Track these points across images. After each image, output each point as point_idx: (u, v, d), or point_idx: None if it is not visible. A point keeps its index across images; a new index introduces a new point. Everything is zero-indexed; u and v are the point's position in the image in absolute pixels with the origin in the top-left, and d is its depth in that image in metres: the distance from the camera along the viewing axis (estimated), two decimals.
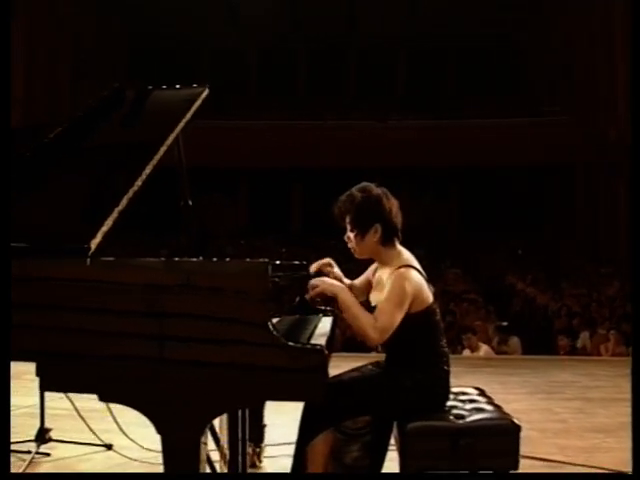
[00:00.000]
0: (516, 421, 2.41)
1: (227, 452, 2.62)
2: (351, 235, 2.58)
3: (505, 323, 9.81)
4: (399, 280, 2.45)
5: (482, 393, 2.75)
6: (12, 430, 3.70)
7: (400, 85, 24.73)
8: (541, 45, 22.94)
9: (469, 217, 22.55)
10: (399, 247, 2.61)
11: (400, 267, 2.50)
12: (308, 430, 2.44)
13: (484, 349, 7.85)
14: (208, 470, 2.38)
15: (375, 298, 2.60)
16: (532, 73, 23.44)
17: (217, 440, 2.81)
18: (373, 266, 2.77)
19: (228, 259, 2.11)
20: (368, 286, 2.74)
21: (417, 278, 2.50)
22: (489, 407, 2.54)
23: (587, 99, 19.51)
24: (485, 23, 21.64)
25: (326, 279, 2.61)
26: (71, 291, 1.81)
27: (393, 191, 2.74)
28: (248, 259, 2.06)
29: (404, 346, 2.51)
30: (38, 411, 4.32)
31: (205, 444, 1.89)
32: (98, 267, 1.81)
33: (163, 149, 2.43)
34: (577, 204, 20.29)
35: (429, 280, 2.62)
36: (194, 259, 2.16)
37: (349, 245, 2.62)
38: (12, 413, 4.08)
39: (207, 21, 22.51)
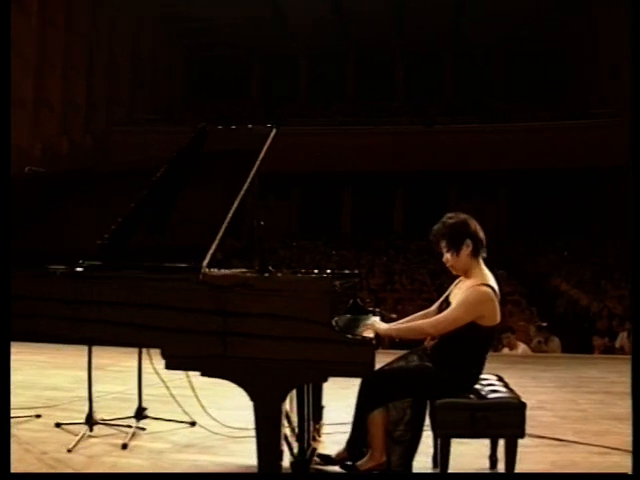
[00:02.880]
0: (522, 399, 3.04)
1: (296, 428, 3.31)
2: (448, 255, 3.22)
3: (545, 324, 10.25)
4: (476, 295, 3.07)
5: (500, 379, 3.37)
6: (109, 410, 4.51)
7: (448, 89, 25.02)
8: (589, 46, 22.92)
9: (517, 219, 22.75)
10: (483, 265, 3.23)
11: (482, 285, 3.10)
12: (364, 407, 3.12)
13: (522, 348, 8.38)
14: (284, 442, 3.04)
15: (453, 299, 3.22)
16: (580, 75, 23.45)
17: (289, 419, 3.47)
18: (453, 285, 3.37)
19: (299, 274, 2.81)
20: (442, 305, 3.33)
21: (492, 300, 3.09)
22: (503, 389, 3.19)
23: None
24: (532, 25, 21.75)
25: (377, 325, 3.21)
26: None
27: (440, 194, 3.40)
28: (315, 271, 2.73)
29: (456, 348, 3.11)
30: (125, 396, 5.12)
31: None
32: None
33: (248, 183, 3.11)
34: (624, 207, 20.28)
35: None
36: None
37: (447, 265, 3.26)
38: (104, 397, 4.91)
39: (259, 29, 23.13)
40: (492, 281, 3.17)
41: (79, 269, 2.69)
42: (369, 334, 2.87)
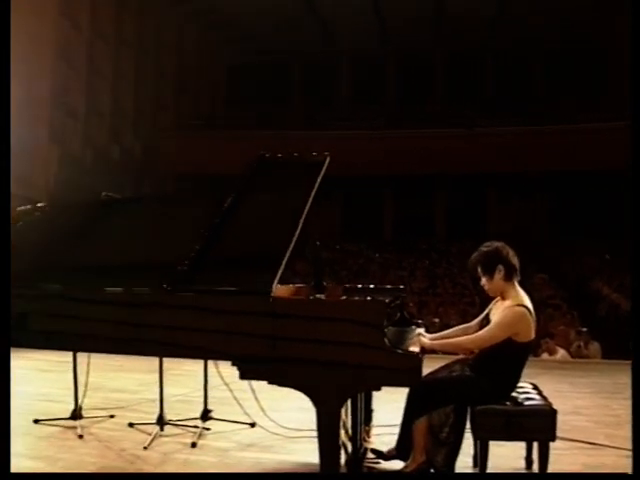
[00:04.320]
0: (559, 405, 3.38)
1: (350, 430, 3.69)
2: (484, 280, 3.60)
3: (585, 329, 10.43)
4: (512, 315, 3.44)
5: (535, 387, 3.71)
6: (174, 411, 4.93)
7: (488, 91, 25.08)
8: (626, 46, 22.82)
9: (558, 222, 22.74)
10: (518, 287, 3.58)
11: (518, 305, 3.47)
12: (412, 414, 3.50)
13: (561, 353, 8.62)
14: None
15: (493, 317, 3.59)
16: (619, 76, 23.34)
17: (343, 423, 3.84)
18: (492, 303, 3.73)
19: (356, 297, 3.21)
20: (483, 322, 3.69)
21: (526, 319, 3.45)
22: (537, 397, 3.52)
23: None
24: (571, 25, 21.60)
25: (423, 339, 3.57)
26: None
27: (481, 197, 3.73)
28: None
29: (494, 361, 3.47)
30: (188, 398, 5.55)
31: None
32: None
33: (307, 209, 3.48)
34: None
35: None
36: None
37: (485, 288, 3.64)
38: (167, 399, 5.34)
39: (299, 35, 23.50)
40: (527, 301, 3.51)
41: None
42: (415, 348, 3.24)
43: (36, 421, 4.70)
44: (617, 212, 22.23)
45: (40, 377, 6.54)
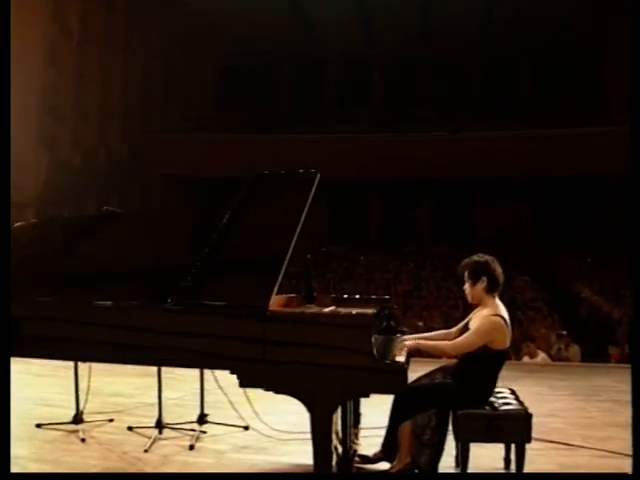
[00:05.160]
0: (537, 407, 3.65)
1: (340, 433, 3.94)
2: (467, 285, 3.88)
3: (565, 332, 10.74)
4: (489, 324, 3.72)
5: (512, 392, 3.97)
6: (170, 415, 5.14)
7: (473, 96, 25.32)
8: (613, 53, 23.15)
9: (542, 225, 23.11)
10: (497, 300, 3.86)
11: (495, 315, 3.74)
12: (397, 418, 3.76)
13: (541, 356, 8.93)
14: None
15: (472, 325, 3.84)
16: (605, 81, 23.69)
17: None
18: (473, 313, 3.98)
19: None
20: (463, 329, 3.95)
21: (502, 328, 3.72)
22: (514, 402, 3.80)
23: None
24: (557, 31, 21.95)
25: (406, 342, 3.84)
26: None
27: (467, 201, 3.98)
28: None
29: (473, 369, 3.75)
30: (182, 402, 5.77)
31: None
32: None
33: (300, 225, 3.72)
34: None
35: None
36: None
37: (466, 293, 3.92)
38: (163, 403, 5.52)
39: (286, 38, 23.64)
40: (503, 312, 3.78)
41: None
42: (401, 357, 3.49)
43: (38, 425, 4.90)
44: (601, 216, 22.65)
45: (37, 382, 6.72)
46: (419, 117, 23.75)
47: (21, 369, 6.85)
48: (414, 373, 3.69)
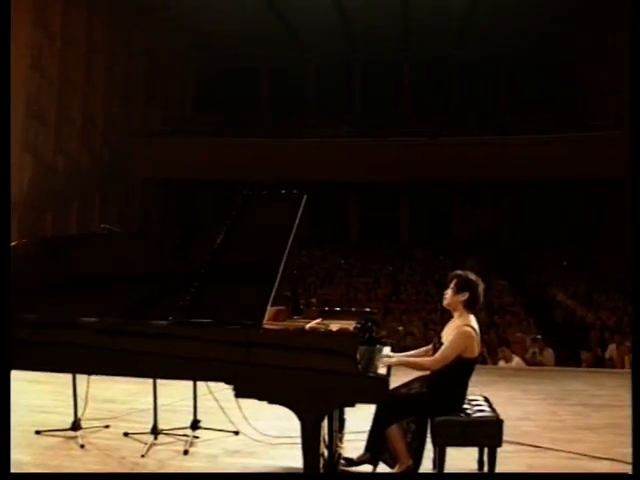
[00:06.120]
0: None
1: (327, 437, 4.23)
2: (449, 291, 4.20)
3: (539, 336, 11.11)
4: (460, 335, 4.05)
5: (486, 399, 4.30)
6: (162, 421, 5.38)
7: (453, 101, 25.69)
8: (591, 60, 23.62)
9: (519, 229, 23.58)
10: (471, 314, 4.18)
11: (466, 326, 4.08)
12: (380, 424, 4.07)
13: (516, 361, 9.28)
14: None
15: (445, 338, 4.17)
16: (582, 88, 24.15)
17: None
18: (446, 327, 4.30)
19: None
20: (437, 344, 4.25)
21: (472, 337, 4.05)
22: (487, 409, 4.12)
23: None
24: (535, 38, 22.22)
25: (387, 360, 4.15)
26: None
27: (445, 205, 4.25)
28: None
29: (445, 378, 4.06)
30: (174, 408, 6.01)
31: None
32: None
33: (289, 244, 4.02)
34: (624, 218, 20.72)
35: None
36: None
37: (445, 297, 4.24)
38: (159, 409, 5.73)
39: (268, 43, 23.84)
40: (474, 323, 4.13)
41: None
42: (383, 370, 3.81)
43: (38, 432, 5.13)
44: (578, 219, 23.11)
45: (31, 389, 6.90)
46: (399, 122, 24.10)
47: (15, 376, 7.04)
48: (395, 383, 4.01)
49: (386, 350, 4.52)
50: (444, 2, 20.53)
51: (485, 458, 4.12)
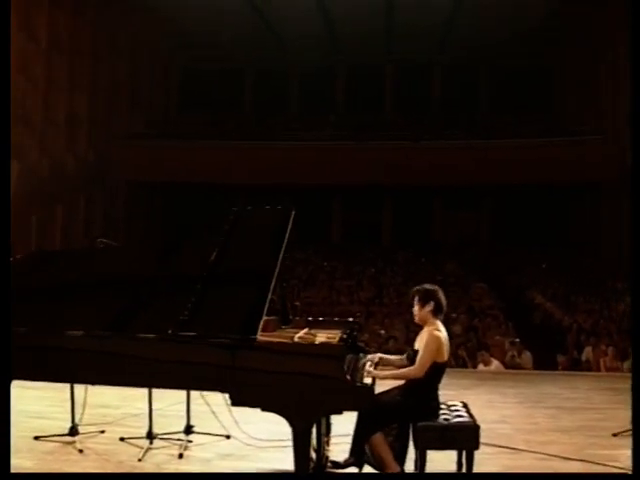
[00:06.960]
0: (477, 422, 4.26)
1: (315, 442, 4.49)
2: (416, 307, 4.49)
3: (517, 339, 11.42)
4: (431, 339, 4.34)
5: (465, 405, 4.58)
6: (156, 425, 5.60)
7: (435, 105, 25.99)
8: (572, 67, 24.03)
9: (499, 232, 23.97)
10: (439, 321, 4.47)
11: (435, 330, 4.38)
12: (364, 431, 4.32)
13: (495, 364, 9.59)
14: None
15: (418, 345, 4.45)
16: (562, 94, 24.57)
17: None
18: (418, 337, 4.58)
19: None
20: (410, 353, 4.53)
21: (442, 341, 4.34)
22: (465, 414, 4.41)
23: (613, 119, 20.35)
24: (518, 43, 22.53)
25: (375, 372, 4.41)
26: None
27: (427, 208, 4.49)
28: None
29: (417, 384, 4.32)
30: (165, 412, 6.23)
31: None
32: None
33: (280, 258, 4.28)
34: (602, 221, 21.12)
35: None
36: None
37: (414, 314, 4.53)
38: (147, 414, 5.94)
39: (252, 45, 24.03)
40: (442, 329, 4.44)
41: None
42: (368, 380, 4.09)
43: (37, 438, 5.34)
44: (558, 224, 23.54)
45: (26, 394, 7.04)
46: (382, 125, 24.36)
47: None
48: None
49: (370, 358, 4.79)
50: (428, 6, 20.80)
51: (463, 460, 4.40)
